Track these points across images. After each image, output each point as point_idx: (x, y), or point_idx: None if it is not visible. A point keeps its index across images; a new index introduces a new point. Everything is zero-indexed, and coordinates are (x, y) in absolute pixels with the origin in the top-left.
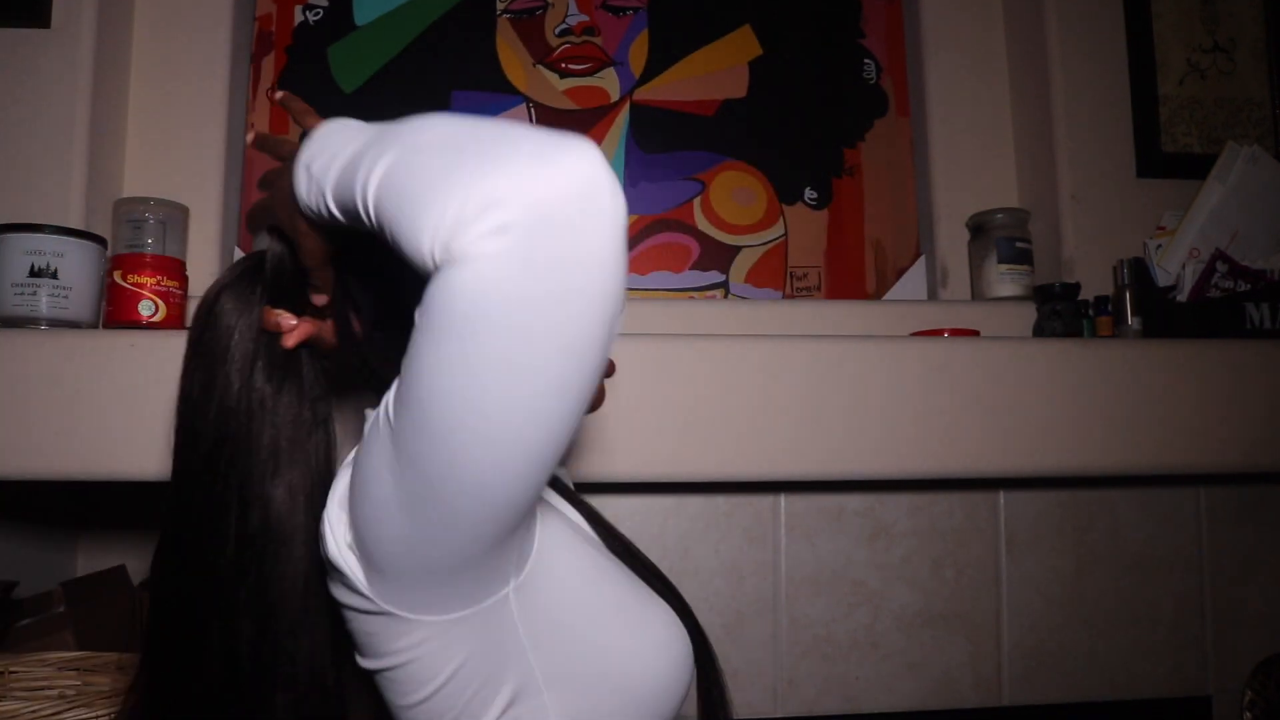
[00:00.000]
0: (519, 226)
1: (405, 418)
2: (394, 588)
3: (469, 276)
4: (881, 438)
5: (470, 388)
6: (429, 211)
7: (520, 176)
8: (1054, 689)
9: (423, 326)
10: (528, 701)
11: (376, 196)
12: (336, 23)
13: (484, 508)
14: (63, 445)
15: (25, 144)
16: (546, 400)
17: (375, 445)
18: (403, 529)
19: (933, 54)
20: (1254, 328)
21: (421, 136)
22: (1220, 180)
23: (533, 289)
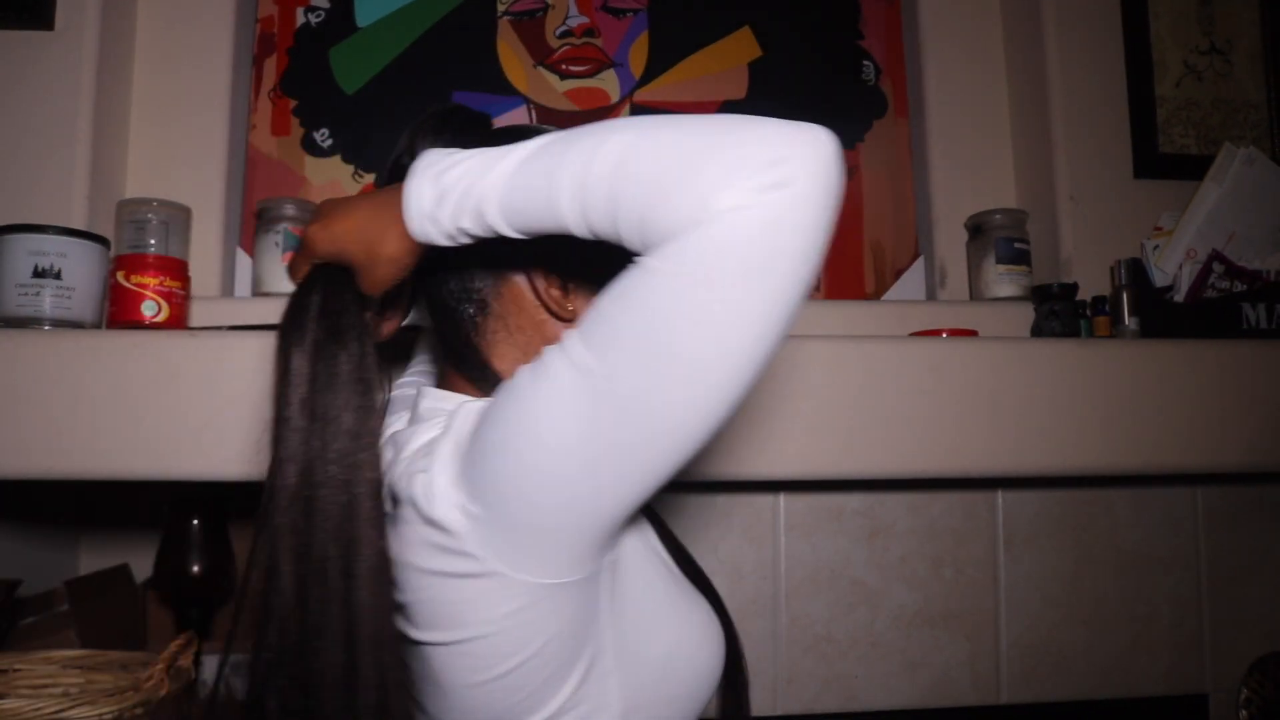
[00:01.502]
0: (798, 183)
1: (625, 360)
2: (514, 546)
3: (752, 222)
4: (880, 437)
5: (722, 327)
6: (709, 170)
7: (800, 140)
8: (1052, 687)
9: (674, 272)
10: (597, 682)
11: (613, 179)
12: (338, 24)
13: (673, 454)
14: (66, 445)
15: (28, 145)
16: (767, 343)
17: (554, 396)
18: (569, 484)
19: (931, 55)
20: (1250, 328)
21: (647, 126)
22: (1217, 181)
23: (792, 242)
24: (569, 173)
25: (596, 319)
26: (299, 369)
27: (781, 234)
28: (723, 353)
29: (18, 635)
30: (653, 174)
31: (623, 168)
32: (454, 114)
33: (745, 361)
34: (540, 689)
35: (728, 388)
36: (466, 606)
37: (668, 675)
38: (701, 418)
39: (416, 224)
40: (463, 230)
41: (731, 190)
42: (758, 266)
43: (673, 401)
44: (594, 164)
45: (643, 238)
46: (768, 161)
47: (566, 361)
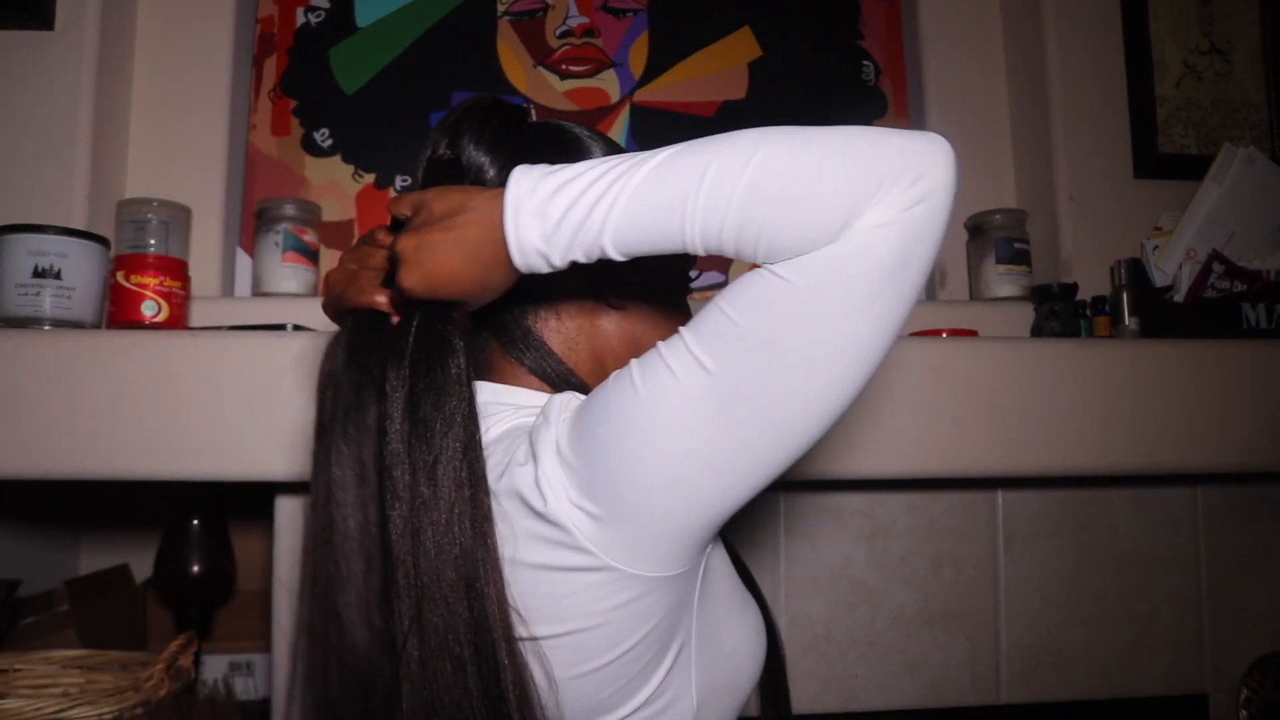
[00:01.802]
0: (935, 197)
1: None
2: (630, 541)
3: (897, 238)
4: (880, 437)
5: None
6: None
7: (935, 153)
8: (1052, 687)
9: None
10: (681, 671)
11: (746, 196)
12: (338, 24)
13: (791, 451)
14: (66, 445)
15: (28, 145)
16: (888, 343)
17: (670, 396)
18: (689, 483)
19: (931, 55)
20: (1250, 328)
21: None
22: (1217, 181)
23: (923, 251)
24: (697, 205)
25: (714, 322)
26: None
27: (916, 246)
28: (848, 355)
29: (18, 635)
30: (791, 195)
31: (759, 186)
32: (495, 109)
33: (867, 363)
34: (634, 680)
35: (848, 387)
36: (573, 600)
37: (734, 667)
38: (821, 416)
39: (523, 259)
40: (571, 261)
41: (879, 208)
42: (894, 280)
43: (796, 401)
44: (726, 186)
45: (776, 252)
46: (912, 178)
47: (682, 362)
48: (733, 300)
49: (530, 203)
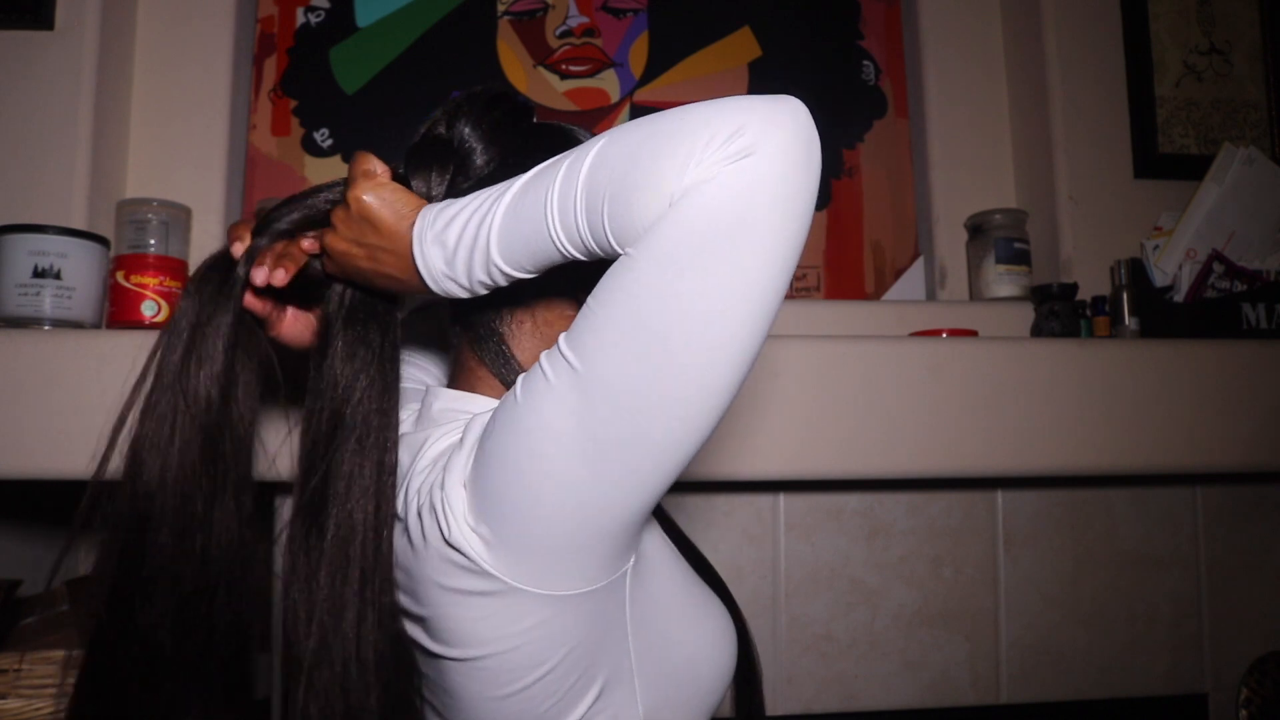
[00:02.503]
0: (764, 150)
1: (611, 358)
2: (529, 561)
3: (718, 193)
4: (880, 437)
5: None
6: (671, 154)
7: (761, 112)
8: (1051, 687)
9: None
10: (619, 688)
11: (587, 184)
12: (338, 24)
13: (676, 447)
14: (66, 445)
15: (29, 145)
16: (755, 321)
17: (546, 403)
18: (574, 489)
19: (931, 55)
20: (1250, 328)
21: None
22: (1217, 181)
23: (767, 211)
24: (552, 202)
25: (582, 318)
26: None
27: (752, 204)
28: (709, 335)
29: (18, 635)
30: (623, 171)
31: (597, 174)
32: (501, 100)
33: (734, 342)
34: (564, 699)
35: (720, 371)
36: (487, 624)
37: (688, 678)
38: (699, 406)
39: (436, 285)
40: (479, 283)
41: (696, 167)
42: (730, 240)
43: (666, 392)
44: (571, 184)
45: (625, 236)
46: (728, 134)
47: (554, 365)
48: (596, 291)
49: (431, 232)
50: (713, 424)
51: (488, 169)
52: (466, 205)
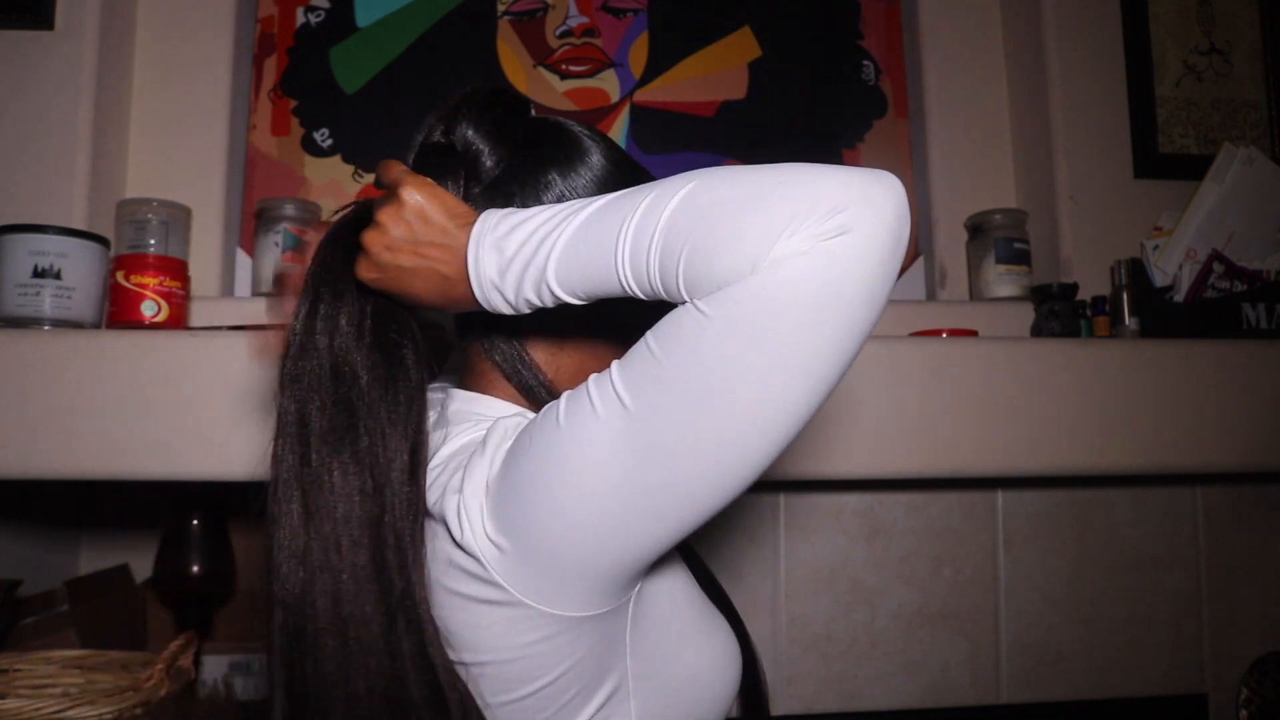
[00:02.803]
0: (861, 231)
1: (664, 403)
2: (541, 580)
3: (810, 270)
4: (880, 438)
5: (769, 376)
6: (768, 217)
7: (863, 189)
8: (1051, 687)
9: (724, 317)
10: (617, 706)
11: (668, 226)
12: (338, 24)
13: (711, 499)
14: (66, 445)
15: (29, 145)
16: (819, 392)
17: (588, 434)
18: (603, 521)
19: (931, 55)
20: (1250, 328)
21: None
22: (1217, 181)
23: (851, 291)
24: (627, 236)
25: (639, 358)
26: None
27: (840, 283)
28: (770, 400)
29: (18, 635)
30: (709, 223)
31: (681, 220)
32: (499, 99)
33: (792, 408)
34: (558, 713)
35: (773, 434)
36: (489, 632)
37: (689, 696)
38: (743, 464)
39: (482, 294)
40: (527, 301)
41: (790, 238)
42: (813, 315)
43: (713, 450)
44: (650, 222)
45: (696, 287)
46: (828, 209)
47: (605, 399)
48: (658, 334)
49: (491, 237)
50: (748, 483)
51: (497, 170)
52: (533, 218)
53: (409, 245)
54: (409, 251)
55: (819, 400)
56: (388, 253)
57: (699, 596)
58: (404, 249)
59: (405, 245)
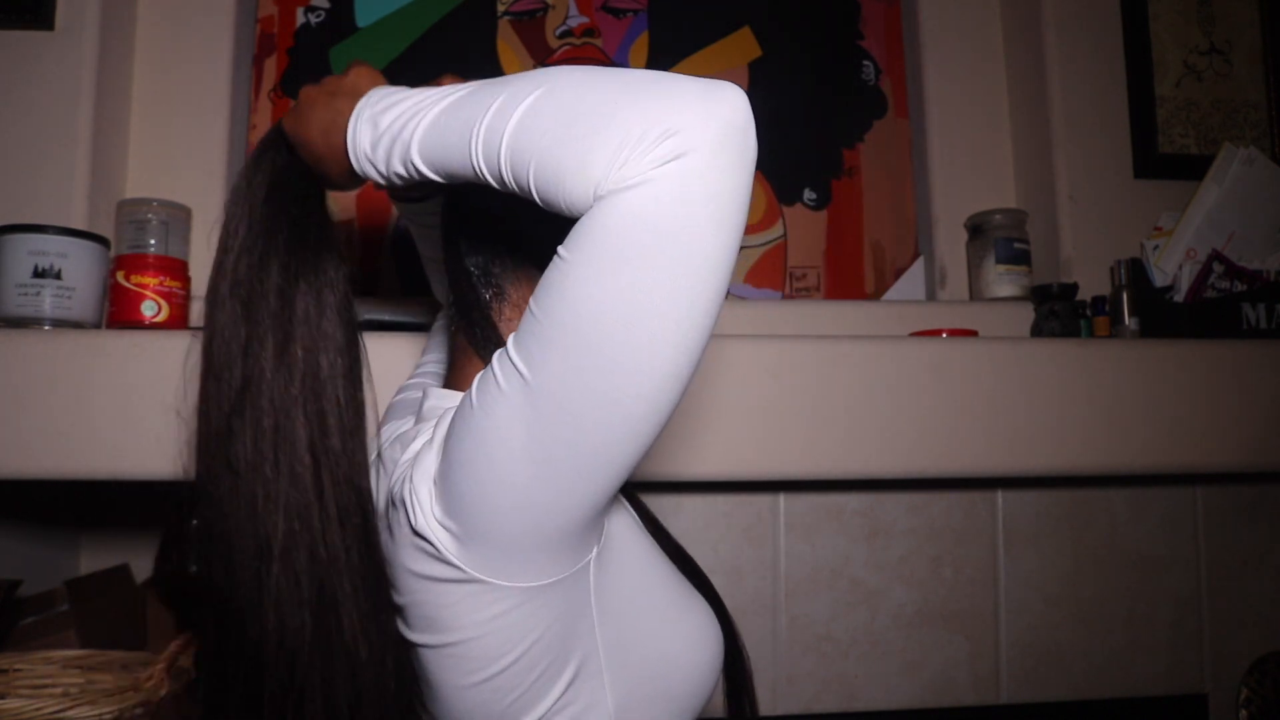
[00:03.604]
0: (696, 154)
1: (552, 362)
2: (491, 555)
3: (647, 199)
4: (880, 437)
5: (637, 310)
6: (600, 144)
7: (695, 109)
8: (1052, 687)
9: (580, 259)
10: (588, 680)
11: (514, 137)
12: (338, 24)
13: (623, 446)
14: (66, 445)
15: (29, 145)
16: (695, 322)
17: (497, 408)
18: (525, 491)
19: (931, 55)
20: (1250, 328)
21: (561, 79)
22: (1217, 181)
23: (699, 213)
24: (480, 131)
25: (526, 322)
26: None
27: (678, 208)
28: (644, 339)
29: (18, 635)
30: (550, 143)
31: (526, 129)
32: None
33: (670, 345)
34: (532, 689)
35: (659, 375)
36: (452, 610)
37: (662, 674)
38: (640, 409)
39: (357, 162)
40: (395, 174)
41: (622, 167)
42: (661, 244)
43: (605, 396)
44: (501, 124)
45: (551, 203)
46: (660, 133)
47: (505, 371)
48: (537, 294)
49: (369, 112)
50: (657, 426)
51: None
52: (408, 97)
53: (325, 95)
54: (324, 96)
55: (696, 329)
56: (311, 97)
57: (671, 575)
58: (320, 96)
59: (323, 92)
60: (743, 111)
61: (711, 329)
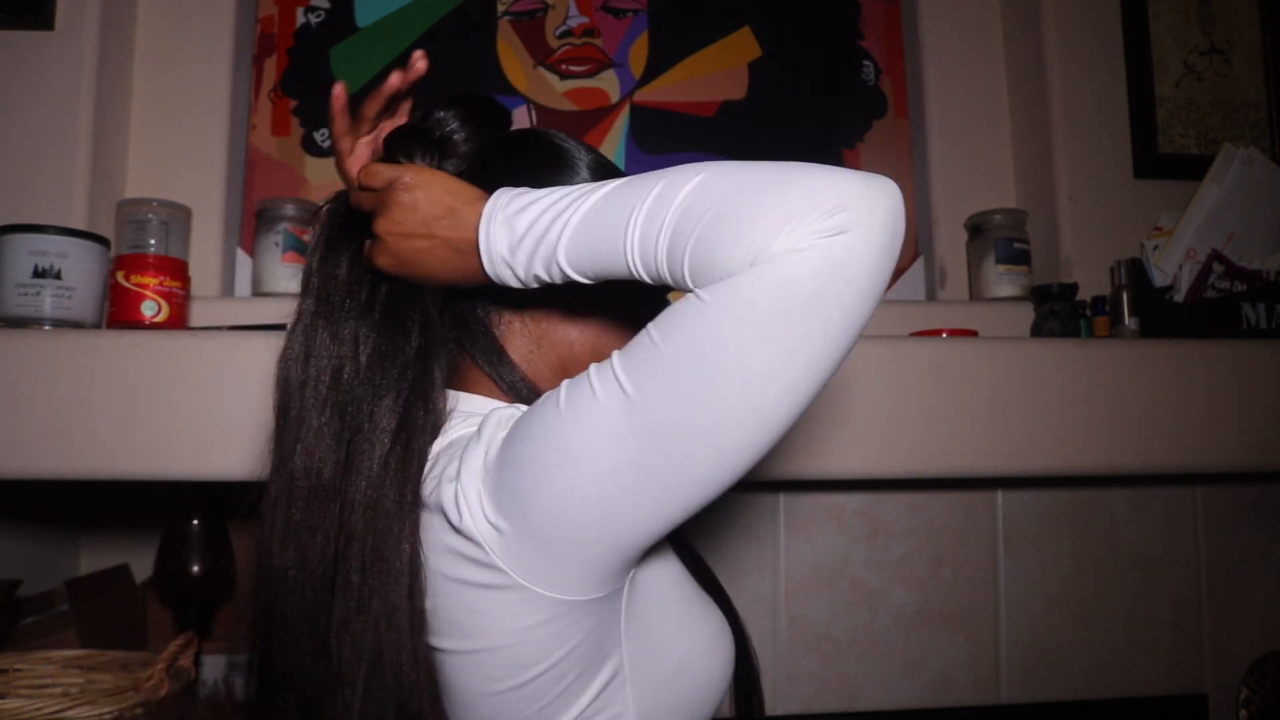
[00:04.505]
0: (859, 230)
1: (661, 391)
2: (540, 564)
3: (808, 265)
4: (880, 437)
5: (764, 368)
6: (771, 212)
7: (862, 191)
8: (1052, 687)
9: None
10: (613, 694)
11: (677, 220)
12: (338, 24)
13: (707, 484)
14: (66, 445)
15: (29, 145)
16: (812, 383)
17: (589, 418)
18: (602, 503)
19: (931, 55)
20: (1250, 328)
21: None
22: (1217, 181)
23: (847, 288)
24: (637, 222)
25: (640, 345)
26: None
27: (835, 279)
28: (764, 388)
29: (18, 635)
30: (717, 216)
31: (690, 211)
32: (467, 93)
33: (786, 399)
34: (557, 699)
35: (767, 423)
36: (487, 617)
37: (681, 684)
38: (738, 451)
39: (492, 268)
40: (535, 276)
41: (790, 234)
42: (808, 308)
43: (710, 436)
44: (661, 210)
45: (701, 276)
46: (829, 208)
47: (605, 384)
48: (660, 323)
49: (502, 215)
50: (744, 469)
51: (466, 146)
52: (545, 197)
53: (421, 227)
54: (422, 234)
55: (811, 391)
56: (403, 239)
57: (690, 584)
58: (418, 231)
59: (418, 228)
60: (900, 203)
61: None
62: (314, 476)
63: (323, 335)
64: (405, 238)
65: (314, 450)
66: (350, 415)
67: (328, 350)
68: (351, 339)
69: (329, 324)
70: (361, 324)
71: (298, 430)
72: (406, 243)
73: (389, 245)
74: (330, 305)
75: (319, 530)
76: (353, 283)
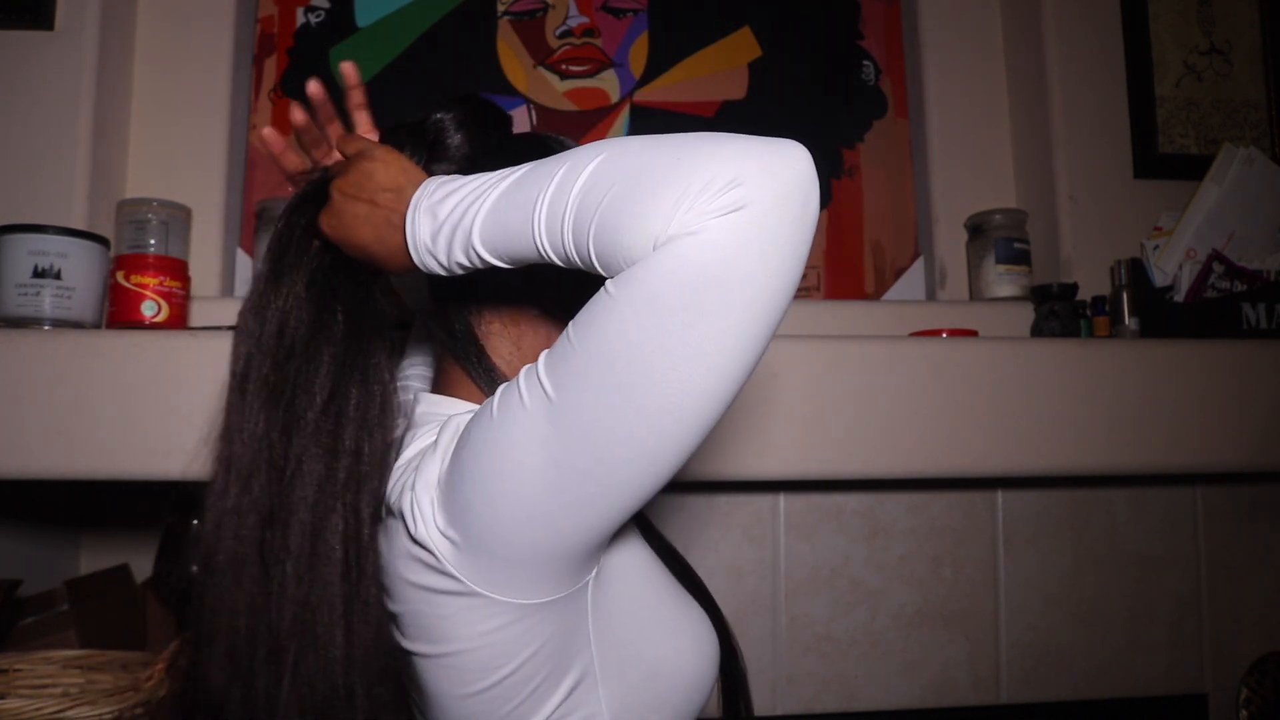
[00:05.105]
0: (758, 205)
1: (581, 392)
2: (491, 569)
3: (705, 247)
4: (880, 437)
5: (677, 357)
6: (664, 193)
7: (760, 163)
8: (1052, 687)
9: (626, 298)
10: (585, 694)
11: (577, 203)
12: (338, 24)
13: (641, 480)
14: (66, 445)
15: (29, 145)
16: (731, 372)
17: (518, 423)
18: (537, 508)
19: (931, 55)
20: (1250, 328)
21: (619, 147)
22: (1217, 181)
23: (755, 266)
24: (543, 203)
25: (560, 346)
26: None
27: (740, 259)
28: (679, 383)
29: (18, 635)
30: (614, 200)
31: (589, 195)
32: (467, 97)
33: (705, 391)
34: (527, 701)
35: (686, 418)
36: (449, 622)
37: (657, 682)
38: (662, 449)
39: (417, 256)
40: (457, 263)
41: (684, 215)
42: (710, 293)
43: (633, 432)
44: (564, 193)
45: (609, 264)
46: (723, 184)
47: (531, 389)
48: (577, 321)
49: (427, 203)
50: (677, 464)
51: (460, 150)
52: (465, 185)
53: (367, 194)
54: (365, 199)
55: (732, 380)
56: (349, 199)
57: (667, 582)
58: (362, 196)
59: (364, 193)
60: (807, 170)
61: (747, 380)
62: (258, 438)
63: (268, 293)
64: (351, 199)
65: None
66: (289, 376)
67: (273, 306)
68: (290, 297)
69: (274, 283)
70: (295, 285)
71: (243, 385)
72: (350, 205)
73: (335, 205)
74: (279, 267)
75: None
76: (301, 247)
